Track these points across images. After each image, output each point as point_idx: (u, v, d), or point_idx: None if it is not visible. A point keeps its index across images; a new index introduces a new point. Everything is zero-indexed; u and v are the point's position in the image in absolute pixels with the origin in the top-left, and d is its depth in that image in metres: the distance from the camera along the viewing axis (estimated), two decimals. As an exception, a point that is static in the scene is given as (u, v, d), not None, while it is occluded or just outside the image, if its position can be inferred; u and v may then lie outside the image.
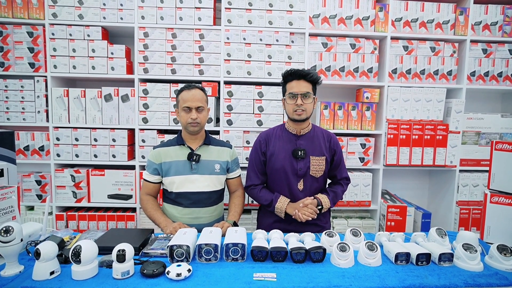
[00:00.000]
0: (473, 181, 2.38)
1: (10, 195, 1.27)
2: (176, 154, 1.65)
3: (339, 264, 1.16)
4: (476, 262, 1.16)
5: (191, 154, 1.63)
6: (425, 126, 2.27)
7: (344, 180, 1.76)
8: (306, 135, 1.67)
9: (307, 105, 1.58)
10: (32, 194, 2.27)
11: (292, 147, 1.65)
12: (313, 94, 1.61)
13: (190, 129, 1.61)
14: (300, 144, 1.65)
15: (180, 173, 1.62)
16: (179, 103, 1.63)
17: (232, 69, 2.24)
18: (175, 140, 1.70)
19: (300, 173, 1.64)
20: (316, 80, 1.61)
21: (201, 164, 1.65)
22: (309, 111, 1.60)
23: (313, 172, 1.64)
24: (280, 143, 1.67)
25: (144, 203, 1.67)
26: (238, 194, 1.79)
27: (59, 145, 2.24)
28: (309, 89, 1.59)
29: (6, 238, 0.99)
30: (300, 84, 1.58)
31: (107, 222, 2.24)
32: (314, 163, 1.64)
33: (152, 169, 1.65)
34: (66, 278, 1.01)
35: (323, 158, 1.65)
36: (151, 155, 1.67)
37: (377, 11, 2.27)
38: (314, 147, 1.65)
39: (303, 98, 1.57)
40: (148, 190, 1.69)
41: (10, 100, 2.22)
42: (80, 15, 2.19)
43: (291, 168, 1.64)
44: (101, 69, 2.22)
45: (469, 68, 2.34)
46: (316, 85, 1.63)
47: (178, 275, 1.01)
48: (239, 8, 2.22)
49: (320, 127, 1.78)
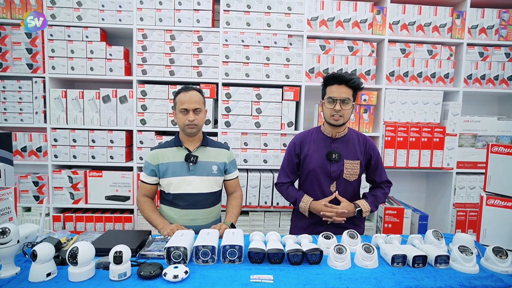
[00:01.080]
0: (469, 183, 2.39)
1: (7, 196, 1.26)
2: (173, 155, 1.64)
3: (336, 266, 1.16)
4: (472, 264, 1.17)
5: (189, 155, 1.62)
6: (422, 128, 2.28)
7: (385, 183, 1.72)
8: (341, 139, 1.66)
9: (345, 111, 1.56)
10: (29, 195, 2.26)
11: (327, 149, 1.65)
12: (352, 100, 1.58)
13: (188, 130, 1.61)
14: (335, 147, 1.65)
15: (177, 174, 1.62)
16: (177, 105, 1.62)
17: (231, 71, 2.25)
18: (172, 142, 1.69)
19: (333, 176, 1.64)
20: (357, 86, 1.58)
21: (199, 166, 1.64)
22: (346, 116, 1.59)
23: (346, 175, 1.63)
24: (315, 145, 1.68)
25: (141, 204, 1.66)
26: (236, 195, 1.79)
27: (57, 146, 2.23)
28: (349, 95, 1.56)
29: (2, 240, 0.99)
30: (341, 89, 1.55)
31: (105, 224, 2.24)
32: (348, 167, 1.63)
33: (149, 171, 1.65)
34: (63, 279, 1.01)
35: (357, 162, 1.64)
36: (149, 156, 1.66)
37: (374, 14, 2.28)
38: (349, 150, 1.65)
39: (342, 104, 1.55)
40: (145, 191, 1.68)
41: (7, 101, 2.22)
42: (78, 16, 2.19)
43: (325, 171, 1.64)
44: (100, 71, 2.22)
45: (465, 71, 2.36)
46: (357, 91, 1.60)
47: (175, 276, 1.01)
48: (237, 11, 2.22)
49: (356, 130, 1.75)
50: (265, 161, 2.30)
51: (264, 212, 2.36)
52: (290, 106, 2.28)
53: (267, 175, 2.30)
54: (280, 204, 2.32)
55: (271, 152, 2.30)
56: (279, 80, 2.27)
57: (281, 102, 2.28)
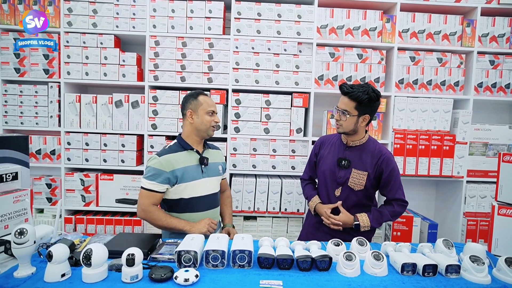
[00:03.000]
0: (480, 192, 2.36)
1: (24, 197, 1.30)
2: (186, 160, 1.61)
3: (345, 273, 1.16)
4: (484, 275, 1.16)
5: (203, 158, 1.65)
6: (432, 136, 2.27)
7: (397, 201, 1.66)
8: (356, 147, 1.67)
9: (343, 122, 1.60)
10: (42, 197, 2.31)
11: (339, 155, 1.70)
12: (356, 112, 1.57)
13: (211, 133, 1.67)
14: (347, 154, 1.68)
15: (194, 178, 1.61)
16: (202, 106, 1.63)
17: (241, 78, 2.28)
18: (179, 146, 1.64)
19: (339, 181, 1.67)
20: (357, 99, 1.55)
21: (209, 167, 1.68)
22: (345, 127, 1.61)
23: (351, 184, 1.65)
24: (331, 149, 1.75)
25: (153, 213, 1.55)
26: (228, 194, 1.94)
27: (70, 150, 2.28)
28: (348, 107, 1.57)
29: (20, 240, 1.02)
30: (343, 100, 1.61)
31: (114, 226, 2.27)
32: (354, 176, 1.64)
33: (162, 178, 1.54)
34: (77, 280, 1.04)
35: (365, 174, 1.63)
36: (159, 163, 1.55)
37: (384, 22, 2.30)
38: (360, 160, 1.65)
39: (340, 114, 1.61)
40: (154, 200, 1.56)
41: (24, 105, 2.28)
42: (94, 24, 2.26)
43: (333, 175, 1.69)
44: (113, 76, 2.28)
45: (476, 79, 2.35)
46: (363, 104, 1.56)
47: (186, 280, 1.03)
48: (248, 18, 2.26)
49: (377, 142, 1.71)
50: (274, 167, 2.32)
51: (272, 218, 2.36)
52: (299, 113, 2.30)
53: (276, 181, 2.31)
54: (288, 210, 2.32)
55: (279, 158, 2.31)
56: (288, 87, 2.30)
57: (290, 109, 2.30)
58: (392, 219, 1.68)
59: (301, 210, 2.32)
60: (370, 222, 1.62)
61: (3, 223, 1.23)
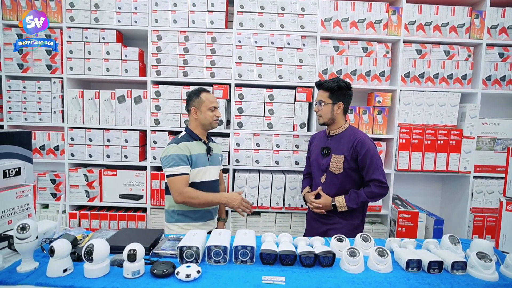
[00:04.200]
0: (488, 187, 2.32)
1: (27, 193, 1.30)
2: (197, 148, 1.79)
3: (349, 270, 1.14)
4: (491, 272, 1.13)
5: (209, 148, 1.83)
6: (438, 131, 2.23)
7: (374, 182, 1.73)
8: (336, 136, 1.82)
9: (321, 112, 1.79)
10: (46, 193, 2.32)
11: (322, 145, 1.86)
12: (330, 100, 1.77)
13: (215, 125, 1.84)
14: (329, 143, 1.83)
15: (203, 164, 1.79)
16: (204, 103, 1.78)
17: (243, 72, 2.26)
18: (189, 136, 1.81)
19: (322, 168, 1.83)
20: (328, 88, 1.75)
21: (213, 157, 1.86)
22: (324, 116, 1.79)
23: (331, 168, 1.78)
24: (318, 141, 1.91)
25: (190, 193, 1.67)
26: (223, 188, 2.07)
27: (74, 145, 2.29)
28: (322, 98, 1.78)
29: (22, 235, 1.02)
30: (318, 94, 1.82)
31: (118, 222, 2.28)
32: (333, 160, 1.78)
33: (186, 161, 1.71)
34: (79, 275, 1.03)
35: (341, 157, 1.76)
36: (179, 149, 1.70)
37: (390, 14, 2.25)
38: (338, 146, 1.79)
39: (319, 105, 1.79)
40: (186, 182, 1.69)
41: (28, 101, 2.29)
42: (96, 19, 2.24)
43: (318, 163, 1.86)
44: (115, 71, 2.27)
45: (484, 72, 2.29)
46: (335, 92, 1.75)
47: (187, 276, 1.02)
48: (251, 12, 2.23)
49: (357, 130, 1.82)
50: (277, 162, 2.30)
51: (276, 213, 2.35)
52: (303, 107, 2.27)
53: (279, 176, 2.30)
54: (292, 205, 2.31)
55: (283, 153, 2.29)
56: (292, 81, 2.27)
57: (294, 103, 2.27)
58: (370, 200, 1.74)
59: (305, 205, 2.30)
60: (346, 202, 1.73)
61: (6, 218, 1.23)
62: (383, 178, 1.72)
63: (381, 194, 1.74)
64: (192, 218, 1.78)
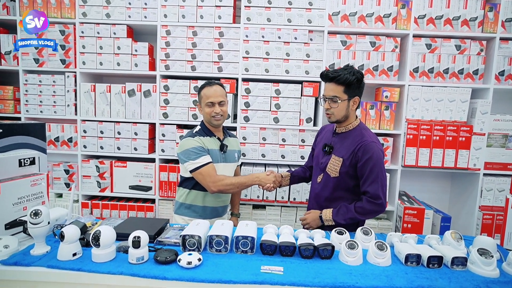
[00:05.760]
0: (498, 185, 2.27)
1: (40, 181, 1.37)
2: (211, 144, 1.76)
3: (347, 262, 1.16)
4: (492, 268, 1.12)
5: (223, 145, 1.79)
6: (447, 127, 2.19)
7: (367, 195, 1.51)
8: (342, 134, 1.63)
9: (334, 109, 1.54)
10: (61, 182, 2.42)
11: (326, 141, 1.68)
12: (346, 96, 1.52)
13: (214, 122, 1.75)
14: (333, 141, 1.65)
15: (216, 160, 1.75)
16: (202, 99, 1.75)
17: (250, 67, 2.28)
18: (203, 132, 1.77)
19: (321, 167, 1.66)
20: (345, 82, 1.49)
21: (228, 154, 1.81)
22: (338, 114, 1.55)
23: (328, 169, 1.61)
24: (324, 136, 1.74)
25: (224, 181, 1.66)
26: None
27: (86, 137, 2.37)
28: (336, 93, 1.52)
29: (35, 220, 1.08)
30: (328, 87, 1.55)
31: (128, 212, 2.36)
32: (332, 162, 1.60)
33: (205, 151, 1.68)
34: (87, 260, 1.09)
35: (340, 159, 1.57)
36: (195, 142, 1.68)
37: (399, 8, 2.21)
38: (341, 147, 1.59)
39: (330, 102, 1.55)
40: (215, 170, 1.68)
41: (43, 94, 2.38)
42: (107, 14, 2.30)
43: (318, 161, 1.70)
44: (126, 66, 2.33)
45: (497, 67, 2.23)
46: (351, 86, 1.51)
47: (188, 263, 1.06)
48: (258, 6, 2.24)
49: (365, 130, 1.60)
50: (283, 157, 2.32)
51: (281, 207, 2.38)
52: (309, 102, 2.28)
53: (285, 170, 2.31)
54: (297, 199, 2.33)
55: (289, 147, 2.31)
56: (298, 76, 2.27)
57: (300, 98, 2.28)
58: (361, 217, 1.52)
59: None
60: (332, 216, 1.54)
61: (22, 204, 1.31)
62: (380, 192, 1.48)
63: (374, 211, 1.51)
64: (198, 213, 1.77)
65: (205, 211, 1.79)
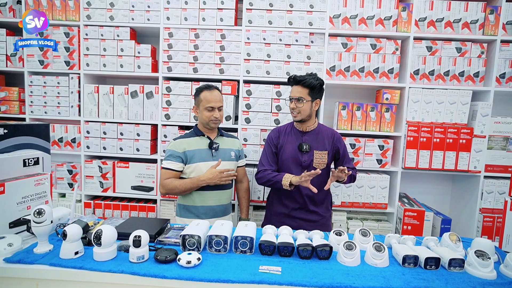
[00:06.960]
0: (499, 188, 2.27)
1: (44, 181, 1.40)
2: (197, 143, 1.82)
3: (345, 263, 1.17)
4: (489, 270, 1.13)
5: (212, 143, 1.83)
6: (448, 129, 2.20)
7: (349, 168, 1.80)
8: (311, 132, 1.85)
9: (300, 108, 1.76)
10: (64, 182, 2.45)
11: (299, 141, 1.84)
12: (310, 98, 1.76)
13: (212, 125, 1.82)
14: (306, 139, 1.84)
15: (204, 159, 1.80)
16: (202, 102, 1.79)
17: (252, 69, 2.30)
18: (193, 132, 1.87)
19: (304, 165, 1.81)
20: (310, 85, 1.73)
21: (220, 152, 1.85)
22: (303, 113, 1.77)
23: (316, 164, 1.81)
24: (289, 138, 1.88)
25: (168, 184, 1.75)
26: (246, 186, 2.03)
27: (89, 138, 2.40)
28: (302, 94, 1.75)
29: (38, 219, 1.11)
30: (295, 89, 1.78)
31: (130, 212, 2.38)
32: (317, 156, 1.81)
33: (175, 157, 1.77)
34: (89, 258, 1.11)
35: (325, 153, 1.82)
36: (173, 145, 1.79)
37: (400, 10, 2.22)
38: (318, 142, 1.83)
39: (296, 102, 1.76)
40: (169, 176, 1.77)
41: (47, 96, 2.41)
42: (111, 17, 2.33)
43: (296, 160, 1.82)
44: (129, 67, 2.36)
45: (498, 70, 2.24)
46: (314, 89, 1.75)
47: (188, 262, 1.08)
48: (260, 9, 2.26)
49: (325, 125, 1.93)
50: (283, 158, 2.33)
51: (281, 208, 2.39)
52: (310, 104, 2.29)
53: (285, 171, 2.33)
54: (297, 201, 2.34)
55: (289, 149, 2.32)
56: (299, 78, 2.28)
57: (301, 100, 2.29)
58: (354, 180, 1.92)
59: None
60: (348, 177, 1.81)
61: (26, 204, 1.33)
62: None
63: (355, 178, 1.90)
64: (193, 213, 1.81)
65: (200, 211, 1.80)
